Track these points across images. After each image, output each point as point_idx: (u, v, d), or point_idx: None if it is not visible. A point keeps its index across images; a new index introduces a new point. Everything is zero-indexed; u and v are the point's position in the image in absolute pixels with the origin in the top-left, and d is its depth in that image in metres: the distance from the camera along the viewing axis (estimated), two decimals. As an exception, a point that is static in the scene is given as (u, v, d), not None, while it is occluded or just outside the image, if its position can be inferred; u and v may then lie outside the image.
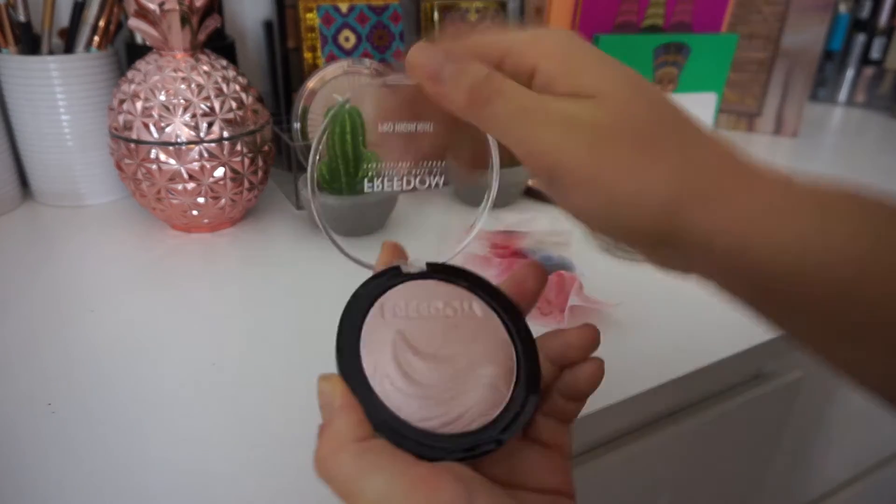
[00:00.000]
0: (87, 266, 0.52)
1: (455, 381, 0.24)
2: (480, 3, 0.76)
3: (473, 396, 0.24)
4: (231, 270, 0.51)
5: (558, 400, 0.26)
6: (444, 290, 0.27)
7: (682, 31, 0.81)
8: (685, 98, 0.81)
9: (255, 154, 0.55)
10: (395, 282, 0.27)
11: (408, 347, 0.24)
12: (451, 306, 0.27)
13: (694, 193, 0.21)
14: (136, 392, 0.36)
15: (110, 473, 0.31)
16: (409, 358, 0.24)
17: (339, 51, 0.69)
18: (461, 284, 0.28)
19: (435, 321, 0.26)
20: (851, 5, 1.15)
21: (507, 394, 0.24)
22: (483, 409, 0.24)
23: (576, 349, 0.26)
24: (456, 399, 0.23)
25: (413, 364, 0.24)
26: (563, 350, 0.26)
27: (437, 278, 0.28)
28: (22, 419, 0.34)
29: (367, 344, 0.24)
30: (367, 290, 0.26)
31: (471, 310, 0.27)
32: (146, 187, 0.52)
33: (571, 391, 0.26)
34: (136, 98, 0.50)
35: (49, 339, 0.41)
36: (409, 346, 0.24)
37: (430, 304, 0.26)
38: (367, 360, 0.24)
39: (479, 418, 0.23)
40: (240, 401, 0.36)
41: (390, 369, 0.23)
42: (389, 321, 0.25)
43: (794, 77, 0.90)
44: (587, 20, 0.75)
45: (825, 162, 0.86)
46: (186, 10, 0.50)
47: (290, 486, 0.30)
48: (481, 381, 0.24)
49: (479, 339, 0.26)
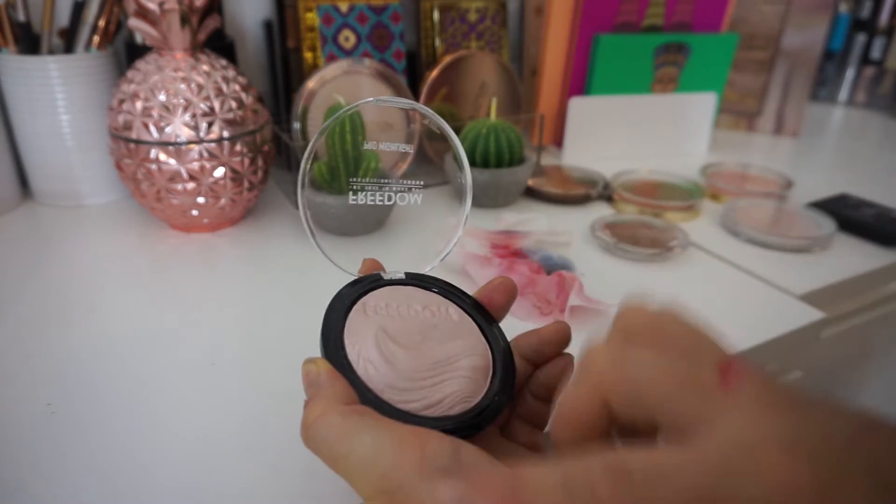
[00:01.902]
0: (87, 266, 0.51)
1: (435, 370, 0.25)
2: (481, 3, 0.76)
3: (453, 385, 0.24)
4: (231, 270, 0.51)
5: (531, 401, 0.27)
6: (422, 295, 0.29)
7: (682, 31, 0.81)
8: (685, 98, 0.81)
9: (255, 154, 0.55)
10: (376, 285, 0.28)
11: (389, 338, 0.25)
12: (429, 309, 0.28)
13: None
14: (136, 392, 0.36)
15: (110, 473, 0.31)
16: (391, 347, 0.25)
17: (339, 51, 0.68)
18: (437, 291, 0.29)
19: (414, 320, 0.27)
20: (851, 5, 1.15)
21: (484, 385, 0.25)
22: (462, 396, 0.24)
23: (549, 345, 0.27)
24: (436, 386, 0.24)
25: (395, 352, 0.25)
26: (537, 346, 0.27)
27: (415, 285, 0.29)
28: (22, 419, 0.34)
29: (350, 335, 0.25)
30: (350, 290, 0.28)
31: (447, 313, 0.28)
32: (146, 187, 0.52)
33: (542, 388, 0.27)
34: (136, 98, 0.50)
35: (49, 338, 0.41)
36: (390, 338, 0.25)
37: (409, 306, 0.28)
38: (351, 349, 0.25)
39: (459, 404, 0.24)
40: (240, 401, 0.36)
41: (373, 355, 0.24)
42: (371, 317, 0.26)
43: (795, 77, 0.90)
44: (587, 20, 0.75)
45: (825, 162, 0.86)
46: (186, 9, 0.50)
47: (290, 486, 0.30)
48: (460, 373, 0.25)
49: (457, 337, 0.27)
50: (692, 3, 0.80)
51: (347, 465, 0.21)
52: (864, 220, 0.60)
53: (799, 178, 0.72)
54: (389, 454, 0.20)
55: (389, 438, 0.20)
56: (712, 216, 0.63)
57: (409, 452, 0.20)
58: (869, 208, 0.63)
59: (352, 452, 0.20)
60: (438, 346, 0.26)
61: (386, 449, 0.20)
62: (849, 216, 0.60)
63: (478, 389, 0.25)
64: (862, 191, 0.68)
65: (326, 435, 0.21)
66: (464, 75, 0.73)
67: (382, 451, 0.20)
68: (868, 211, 0.62)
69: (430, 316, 0.28)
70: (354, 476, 0.21)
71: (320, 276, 0.50)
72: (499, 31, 0.78)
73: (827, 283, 0.51)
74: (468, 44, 0.76)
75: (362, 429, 0.21)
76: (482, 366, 0.26)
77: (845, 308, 0.56)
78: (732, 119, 0.96)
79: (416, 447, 0.20)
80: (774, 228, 0.59)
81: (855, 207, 0.63)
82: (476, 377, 0.25)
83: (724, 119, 0.96)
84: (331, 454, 0.21)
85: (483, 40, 0.77)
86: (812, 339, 0.46)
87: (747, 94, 0.94)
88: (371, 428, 0.21)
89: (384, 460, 0.20)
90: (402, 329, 0.26)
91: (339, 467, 0.21)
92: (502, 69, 0.75)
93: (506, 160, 0.62)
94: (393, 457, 0.20)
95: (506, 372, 0.26)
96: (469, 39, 0.76)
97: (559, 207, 0.65)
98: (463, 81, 0.73)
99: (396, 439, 0.20)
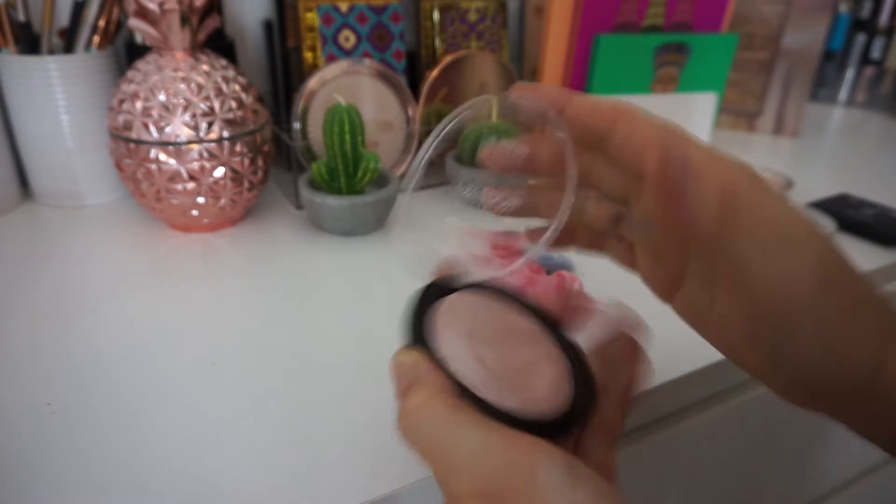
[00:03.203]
0: (87, 266, 0.51)
1: (522, 373, 0.25)
2: (480, 2, 0.76)
3: (540, 388, 0.24)
4: (231, 270, 0.51)
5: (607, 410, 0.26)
6: (501, 304, 0.29)
7: (682, 31, 0.81)
8: (685, 98, 0.81)
9: (255, 154, 0.55)
10: (456, 289, 0.28)
11: (477, 339, 0.25)
12: (509, 316, 0.28)
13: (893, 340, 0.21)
14: (136, 392, 0.36)
15: (110, 473, 0.31)
16: (480, 348, 0.25)
17: (339, 51, 0.68)
18: (515, 303, 0.30)
19: (497, 325, 0.27)
20: (851, 5, 1.15)
21: (569, 392, 0.25)
22: (549, 400, 0.24)
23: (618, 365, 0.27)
24: (525, 387, 0.24)
25: (484, 353, 0.24)
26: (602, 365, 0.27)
27: (493, 292, 0.30)
28: (22, 419, 0.34)
29: (435, 334, 0.25)
30: (430, 290, 0.27)
31: (526, 321, 0.28)
32: (146, 187, 0.52)
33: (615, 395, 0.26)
34: (136, 98, 0.50)
35: (49, 338, 0.41)
36: (478, 339, 0.25)
37: (489, 311, 0.28)
38: (440, 347, 0.24)
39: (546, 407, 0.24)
40: (240, 401, 0.36)
41: (463, 354, 0.24)
42: (454, 319, 0.26)
43: (794, 77, 0.90)
44: (587, 20, 0.75)
45: (825, 162, 0.86)
46: (186, 9, 0.50)
47: (290, 486, 0.30)
48: (545, 379, 0.25)
49: (536, 345, 0.27)
50: (692, 3, 0.79)
51: (451, 458, 0.19)
52: (865, 221, 0.60)
53: (799, 178, 0.72)
54: (500, 454, 0.19)
55: (500, 438, 0.19)
56: (712, 216, 0.63)
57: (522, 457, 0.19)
58: (869, 208, 0.63)
59: (458, 445, 0.19)
60: (521, 350, 0.26)
61: (496, 448, 0.19)
62: (849, 216, 0.60)
63: (562, 395, 0.25)
64: (862, 191, 0.68)
65: (431, 423, 0.20)
66: (464, 75, 0.73)
67: (492, 450, 0.19)
68: (868, 211, 0.62)
69: (510, 323, 0.28)
70: (455, 470, 0.19)
71: (320, 276, 0.50)
72: (499, 31, 0.78)
73: (827, 282, 0.51)
74: (468, 44, 0.76)
75: (472, 423, 0.20)
76: (564, 374, 0.26)
77: (845, 308, 0.56)
78: (732, 119, 0.96)
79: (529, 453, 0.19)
80: (774, 228, 0.59)
81: (855, 207, 0.63)
82: (560, 384, 0.25)
83: (724, 119, 0.96)
84: (432, 444, 0.20)
85: (483, 40, 0.77)
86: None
87: (747, 94, 0.94)
88: (481, 424, 0.20)
89: (494, 460, 0.19)
90: (487, 331, 0.26)
91: (437, 459, 0.20)
92: (502, 69, 0.75)
93: (506, 160, 0.62)
94: (504, 458, 0.19)
95: (586, 376, 0.26)
96: (469, 39, 0.76)
97: (559, 207, 0.65)
98: (463, 81, 0.73)
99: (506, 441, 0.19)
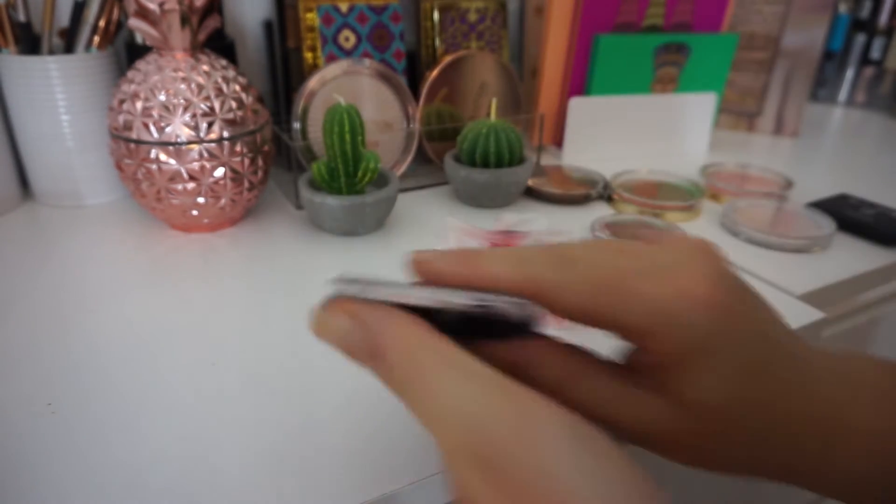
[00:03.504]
0: (87, 266, 0.52)
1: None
2: (480, 3, 0.76)
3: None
4: (231, 270, 0.51)
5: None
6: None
7: (682, 31, 0.81)
8: (685, 98, 0.81)
9: (255, 154, 0.55)
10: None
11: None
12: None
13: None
14: (137, 392, 0.36)
15: (110, 473, 0.31)
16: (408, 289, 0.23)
17: (339, 51, 0.69)
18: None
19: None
20: (851, 5, 1.15)
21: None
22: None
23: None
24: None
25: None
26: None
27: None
28: (22, 419, 0.34)
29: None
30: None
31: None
32: (146, 187, 0.52)
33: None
34: (136, 98, 0.50)
35: (49, 338, 0.41)
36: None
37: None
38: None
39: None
40: (240, 401, 0.36)
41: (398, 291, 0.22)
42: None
43: (794, 77, 0.90)
44: (587, 20, 0.76)
45: (825, 162, 0.86)
46: (186, 10, 0.50)
47: (290, 486, 0.30)
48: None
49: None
50: (692, 3, 0.80)
51: (436, 407, 0.17)
52: (864, 220, 0.60)
53: (799, 178, 0.72)
54: (491, 405, 0.16)
55: (498, 392, 0.16)
56: (712, 216, 0.63)
57: (518, 414, 0.16)
58: (869, 208, 0.63)
59: (448, 395, 0.17)
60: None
61: (488, 398, 0.16)
62: (849, 216, 0.60)
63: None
64: (862, 191, 0.68)
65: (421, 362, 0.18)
66: (464, 75, 0.73)
67: (482, 400, 0.16)
68: (868, 211, 0.62)
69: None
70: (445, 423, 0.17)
71: (320, 276, 0.50)
72: (499, 31, 0.78)
73: (827, 283, 0.51)
74: (468, 44, 0.76)
75: (468, 374, 0.17)
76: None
77: (845, 308, 0.56)
78: (732, 119, 0.96)
79: (527, 410, 0.16)
80: (774, 228, 0.59)
81: (855, 207, 0.63)
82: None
83: (724, 119, 0.96)
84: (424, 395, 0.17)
85: (483, 40, 0.77)
86: (812, 339, 0.46)
87: (747, 95, 0.94)
88: (477, 374, 0.17)
89: (485, 411, 0.16)
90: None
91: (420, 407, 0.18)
92: (502, 69, 0.75)
93: (506, 160, 0.62)
94: (497, 412, 0.16)
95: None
96: (469, 39, 0.76)
97: (559, 207, 0.65)
98: (463, 81, 0.73)
99: (499, 390, 0.16)
